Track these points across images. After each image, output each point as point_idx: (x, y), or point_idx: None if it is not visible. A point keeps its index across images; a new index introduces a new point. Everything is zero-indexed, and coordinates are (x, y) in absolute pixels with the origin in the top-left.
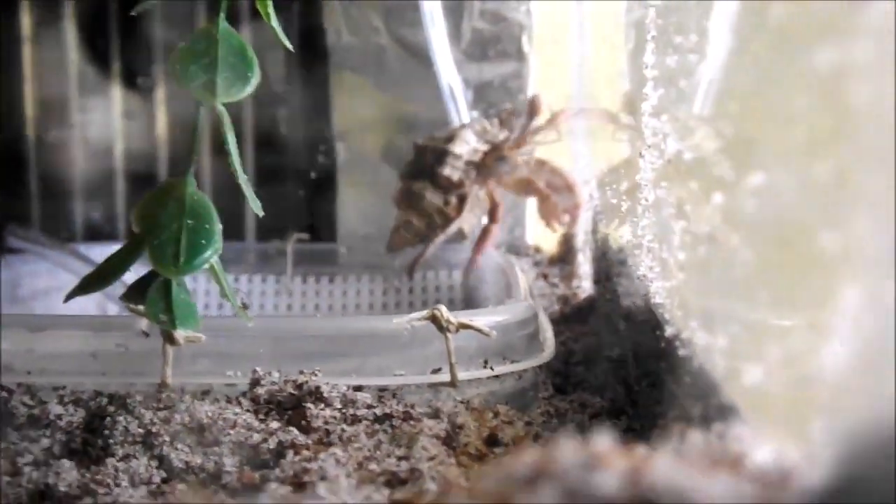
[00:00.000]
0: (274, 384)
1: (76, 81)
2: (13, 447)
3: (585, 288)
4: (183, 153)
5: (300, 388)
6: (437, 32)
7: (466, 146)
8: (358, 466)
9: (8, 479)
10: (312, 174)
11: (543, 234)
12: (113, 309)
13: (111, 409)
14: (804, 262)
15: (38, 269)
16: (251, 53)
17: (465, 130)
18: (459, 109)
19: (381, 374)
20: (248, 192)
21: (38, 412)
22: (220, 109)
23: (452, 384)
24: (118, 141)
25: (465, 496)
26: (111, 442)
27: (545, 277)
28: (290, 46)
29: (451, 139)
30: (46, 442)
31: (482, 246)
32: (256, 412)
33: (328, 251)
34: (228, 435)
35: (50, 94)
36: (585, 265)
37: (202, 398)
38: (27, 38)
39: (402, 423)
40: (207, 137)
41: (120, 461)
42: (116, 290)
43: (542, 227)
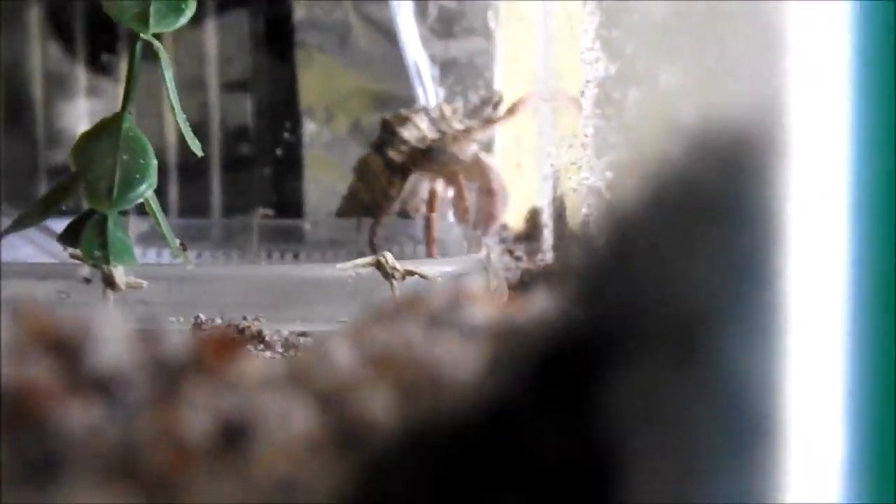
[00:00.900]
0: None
1: (39, 59)
2: None
3: (548, 260)
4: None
5: (242, 332)
6: (402, 9)
7: (415, 131)
8: None
9: None
10: (278, 151)
11: (511, 211)
12: None
13: None
14: None
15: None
16: None
17: (419, 115)
18: (425, 86)
19: (326, 321)
20: (185, 130)
21: None
22: (157, 45)
23: None
24: (82, 119)
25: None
26: None
27: (511, 253)
28: None
29: (405, 121)
30: None
31: (428, 238)
32: None
33: (294, 227)
34: None
35: (13, 70)
36: (550, 239)
37: None
38: None
39: None
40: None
41: None
42: None
43: (510, 204)
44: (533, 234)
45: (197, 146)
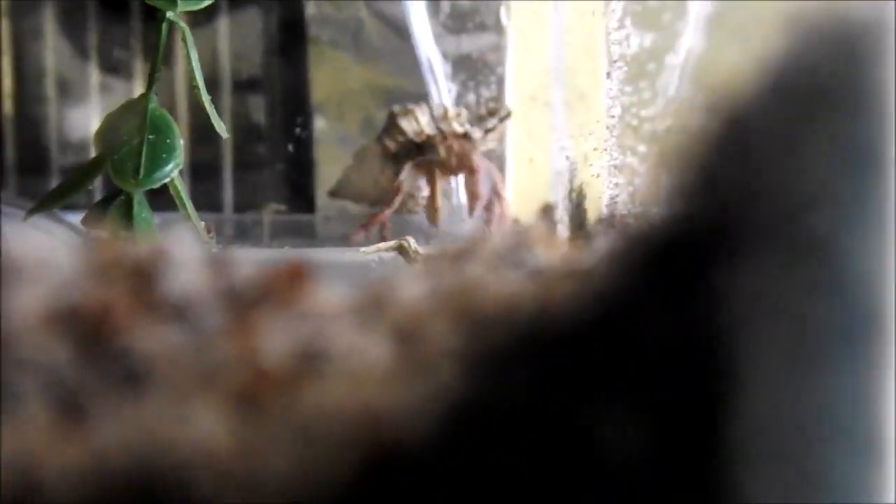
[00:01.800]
0: None
1: (53, 54)
2: None
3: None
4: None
5: None
6: (415, 5)
7: (413, 124)
8: None
9: None
10: (290, 147)
11: (523, 207)
12: None
13: None
14: None
15: (9, 229)
16: None
17: (422, 109)
18: (438, 82)
19: None
20: (211, 112)
21: None
22: (181, 26)
23: None
24: (95, 115)
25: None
26: None
27: None
28: None
29: (407, 113)
30: None
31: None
32: None
33: (305, 222)
34: None
35: (27, 66)
36: (565, 233)
37: None
38: (3, 11)
39: None
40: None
41: None
42: None
43: (521, 199)
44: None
45: (222, 128)
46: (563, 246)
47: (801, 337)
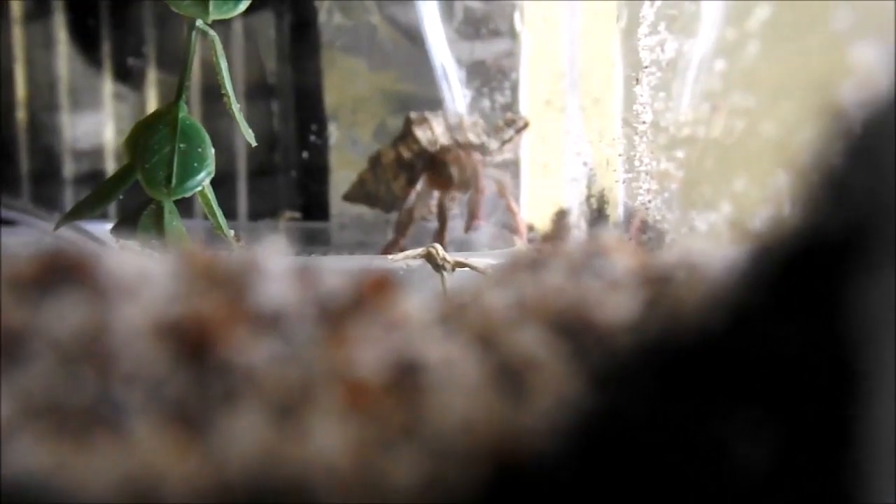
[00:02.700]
0: None
1: (66, 62)
2: None
3: None
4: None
5: None
6: (428, 11)
7: (428, 132)
8: None
9: None
10: (304, 154)
11: (537, 212)
12: None
13: None
14: None
15: (28, 238)
16: None
17: (438, 118)
18: (452, 88)
19: None
20: (240, 120)
21: None
22: (211, 34)
23: None
24: (108, 123)
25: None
26: None
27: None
28: None
29: (422, 121)
30: None
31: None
32: None
33: (320, 230)
34: None
35: (40, 75)
36: (581, 238)
37: None
38: (17, 19)
39: None
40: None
41: None
42: None
43: (535, 205)
44: (560, 235)
45: (251, 136)
46: (636, 253)
47: None
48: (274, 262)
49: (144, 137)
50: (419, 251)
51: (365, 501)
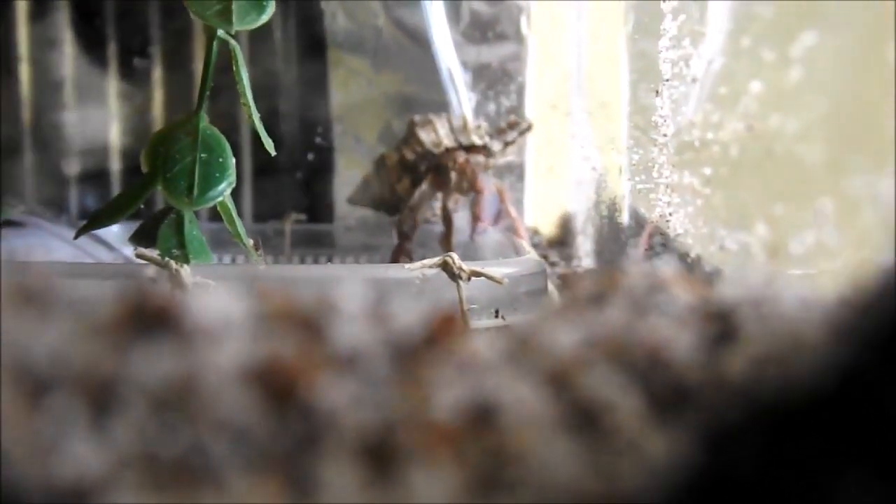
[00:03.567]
0: None
1: (72, 62)
2: None
3: (585, 265)
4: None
5: None
6: (435, 14)
7: (432, 135)
8: None
9: None
10: (310, 156)
11: (542, 216)
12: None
13: None
14: None
15: (34, 241)
16: None
17: (442, 120)
18: (458, 92)
19: None
20: (260, 129)
21: None
22: (233, 44)
23: None
24: (114, 124)
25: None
26: None
27: (545, 258)
28: None
29: (426, 123)
30: None
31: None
32: None
33: (325, 232)
34: None
35: (45, 74)
36: (586, 244)
37: None
38: (23, 19)
39: None
40: None
41: None
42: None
43: (540, 208)
44: (565, 239)
45: (270, 145)
46: (695, 286)
47: None
48: (348, 301)
49: (165, 147)
50: (435, 260)
51: None
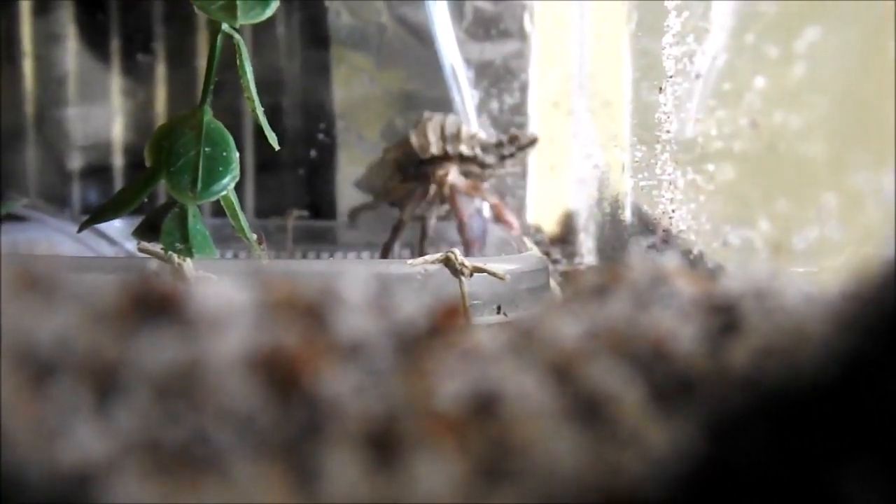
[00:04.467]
0: None
1: (74, 57)
2: None
3: (588, 263)
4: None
5: None
6: (438, 11)
7: (421, 139)
8: None
9: None
10: (312, 152)
11: (544, 214)
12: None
13: None
14: None
15: (37, 235)
16: None
17: (434, 124)
18: (461, 89)
19: None
20: (264, 123)
21: None
22: (237, 38)
23: None
24: (117, 119)
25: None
26: None
27: (547, 255)
28: None
29: (418, 124)
30: None
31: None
32: None
33: (328, 228)
34: None
35: (48, 70)
36: (589, 242)
37: None
38: (27, 14)
39: None
40: None
41: None
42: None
43: (541, 206)
44: (567, 237)
45: (274, 139)
46: (699, 279)
47: None
48: (351, 290)
49: (169, 141)
50: (437, 256)
51: None
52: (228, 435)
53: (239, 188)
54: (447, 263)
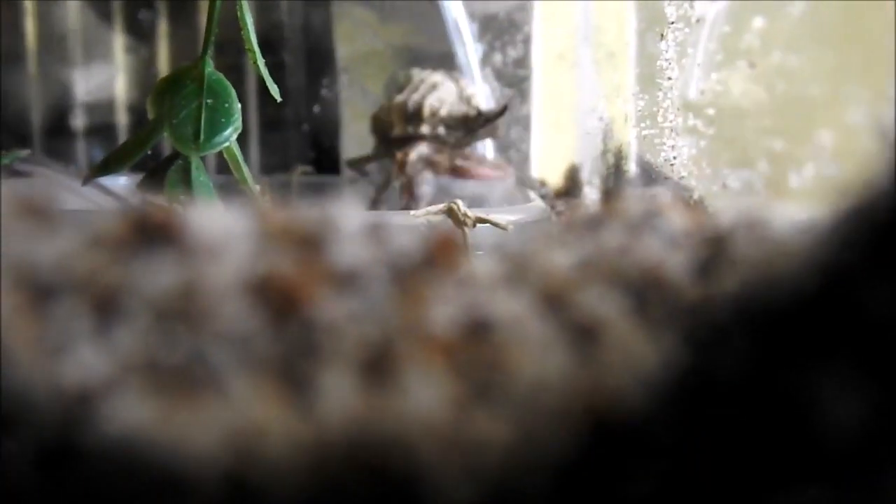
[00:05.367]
0: None
1: (77, 15)
2: None
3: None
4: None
5: None
6: None
7: (385, 117)
8: None
9: None
10: (315, 108)
11: (548, 168)
12: None
13: None
14: None
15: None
16: None
17: (393, 105)
18: (465, 42)
19: None
20: (265, 75)
21: None
22: None
23: None
24: (119, 76)
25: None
26: None
27: (552, 209)
28: None
29: (393, 97)
30: None
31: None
32: None
33: (332, 183)
34: None
35: (50, 27)
36: (593, 195)
37: None
38: None
39: None
40: None
41: None
42: None
43: (547, 160)
44: (572, 190)
45: (276, 91)
46: (692, 211)
47: None
48: (348, 220)
49: (171, 93)
50: (440, 207)
51: (461, 458)
52: (225, 355)
53: (243, 146)
54: (450, 214)
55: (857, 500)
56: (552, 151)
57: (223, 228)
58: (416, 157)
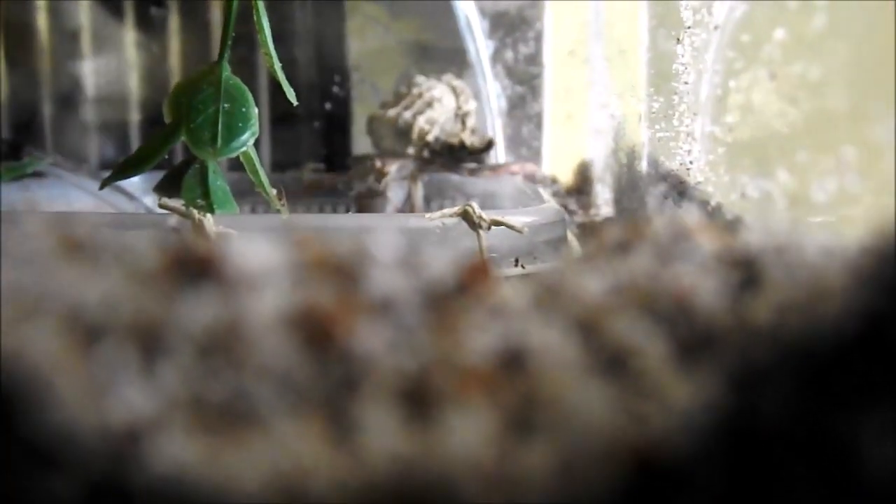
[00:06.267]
0: None
1: (88, 11)
2: None
3: (604, 214)
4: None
5: None
6: None
7: (396, 109)
8: None
9: None
10: (327, 105)
11: (560, 165)
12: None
13: None
14: None
15: (56, 192)
16: None
17: (383, 120)
18: (476, 39)
19: None
20: (282, 79)
21: None
22: None
23: None
24: (131, 73)
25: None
26: None
27: (563, 207)
28: None
29: (387, 110)
30: None
31: None
32: None
33: (341, 181)
34: None
35: (63, 23)
36: (605, 192)
37: None
38: None
39: None
40: None
41: None
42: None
43: (558, 155)
44: (583, 187)
45: (292, 94)
46: (718, 234)
47: None
48: (382, 248)
49: (188, 97)
50: (455, 209)
51: (506, 496)
52: (268, 391)
53: (255, 141)
54: (465, 217)
55: None
56: (563, 148)
57: (262, 261)
58: (395, 171)
